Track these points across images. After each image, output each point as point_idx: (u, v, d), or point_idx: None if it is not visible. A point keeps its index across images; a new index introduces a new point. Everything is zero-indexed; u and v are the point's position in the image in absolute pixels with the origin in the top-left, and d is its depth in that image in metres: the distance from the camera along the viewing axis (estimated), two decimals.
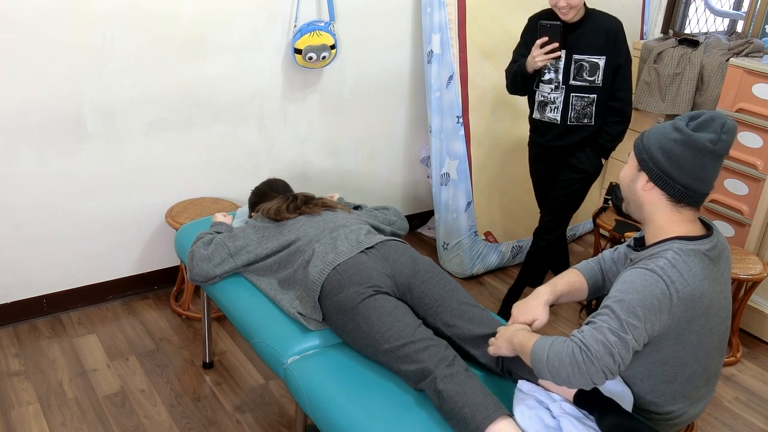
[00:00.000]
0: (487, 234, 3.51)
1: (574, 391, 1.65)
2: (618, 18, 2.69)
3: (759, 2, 3.43)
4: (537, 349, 1.54)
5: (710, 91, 3.31)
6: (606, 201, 3.39)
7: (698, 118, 1.58)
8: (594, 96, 2.70)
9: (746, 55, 3.20)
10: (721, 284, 1.63)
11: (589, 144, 2.80)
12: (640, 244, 1.72)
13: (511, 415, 1.64)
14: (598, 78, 2.68)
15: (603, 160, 2.84)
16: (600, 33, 2.64)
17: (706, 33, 3.68)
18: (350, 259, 2.03)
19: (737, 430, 2.60)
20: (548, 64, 2.68)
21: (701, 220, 1.67)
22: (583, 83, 2.69)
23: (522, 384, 1.71)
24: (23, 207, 2.72)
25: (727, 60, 3.19)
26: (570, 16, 2.61)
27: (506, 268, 3.65)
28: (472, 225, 3.43)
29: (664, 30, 3.89)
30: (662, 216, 1.62)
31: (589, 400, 1.61)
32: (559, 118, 2.76)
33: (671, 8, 3.86)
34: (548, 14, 2.68)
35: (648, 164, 1.60)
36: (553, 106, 2.76)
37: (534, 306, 1.78)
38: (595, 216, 3.28)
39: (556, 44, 2.59)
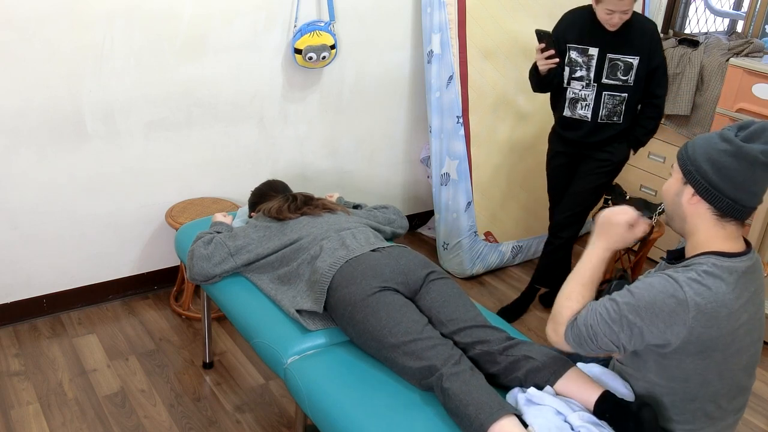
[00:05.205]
0: (487, 234, 3.51)
1: (593, 399, 1.64)
2: (653, 20, 2.70)
3: (759, 2, 3.43)
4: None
5: (710, 91, 3.30)
6: (606, 201, 3.38)
7: (748, 127, 1.49)
8: (625, 95, 2.73)
9: (746, 55, 3.20)
10: (756, 304, 1.55)
11: (615, 142, 2.83)
12: (674, 257, 1.64)
13: (515, 413, 1.63)
14: (631, 77, 2.69)
15: (632, 152, 2.86)
16: (636, 34, 2.66)
17: (706, 33, 3.68)
18: (363, 255, 2.03)
19: (737, 430, 2.60)
20: (580, 61, 2.71)
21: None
22: (616, 82, 2.71)
23: (532, 391, 1.69)
24: (23, 207, 2.72)
25: (727, 60, 3.19)
26: (617, 28, 2.63)
27: (506, 268, 3.65)
28: (472, 225, 3.43)
29: (664, 30, 3.89)
30: (706, 230, 1.53)
31: (611, 401, 1.61)
32: (590, 116, 2.78)
33: (671, 8, 3.86)
34: (582, 11, 2.71)
35: (694, 176, 1.51)
36: (584, 104, 2.77)
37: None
38: (595, 216, 3.28)
39: (552, 51, 2.63)
